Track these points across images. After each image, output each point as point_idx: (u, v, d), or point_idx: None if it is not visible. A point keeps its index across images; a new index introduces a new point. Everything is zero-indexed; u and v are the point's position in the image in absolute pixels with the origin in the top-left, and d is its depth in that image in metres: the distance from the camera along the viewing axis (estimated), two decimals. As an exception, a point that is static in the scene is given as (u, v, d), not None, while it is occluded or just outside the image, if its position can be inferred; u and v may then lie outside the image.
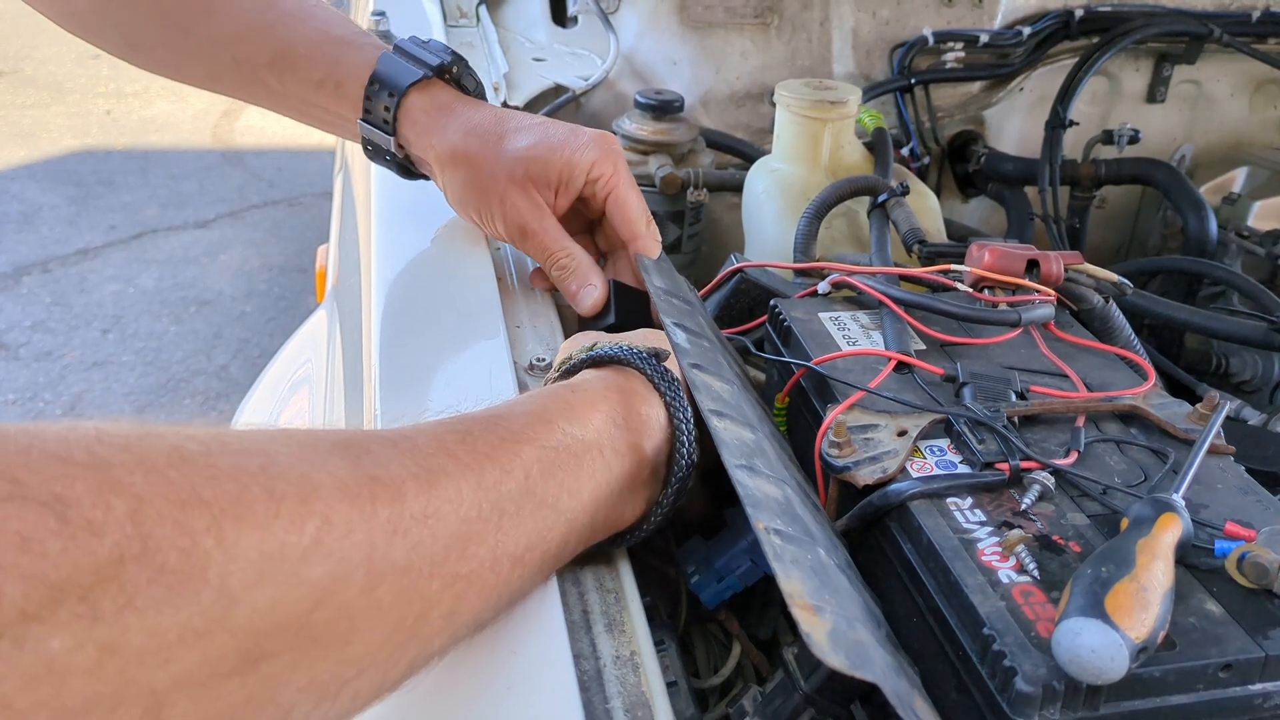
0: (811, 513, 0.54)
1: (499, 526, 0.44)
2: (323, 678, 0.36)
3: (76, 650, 0.28)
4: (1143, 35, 1.27)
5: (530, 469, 0.46)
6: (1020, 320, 0.69)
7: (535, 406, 0.51)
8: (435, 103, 0.77)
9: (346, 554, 0.36)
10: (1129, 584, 0.46)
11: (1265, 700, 0.49)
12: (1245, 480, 0.60)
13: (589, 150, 0.75)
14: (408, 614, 0.39)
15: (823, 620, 0.41)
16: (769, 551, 0.43)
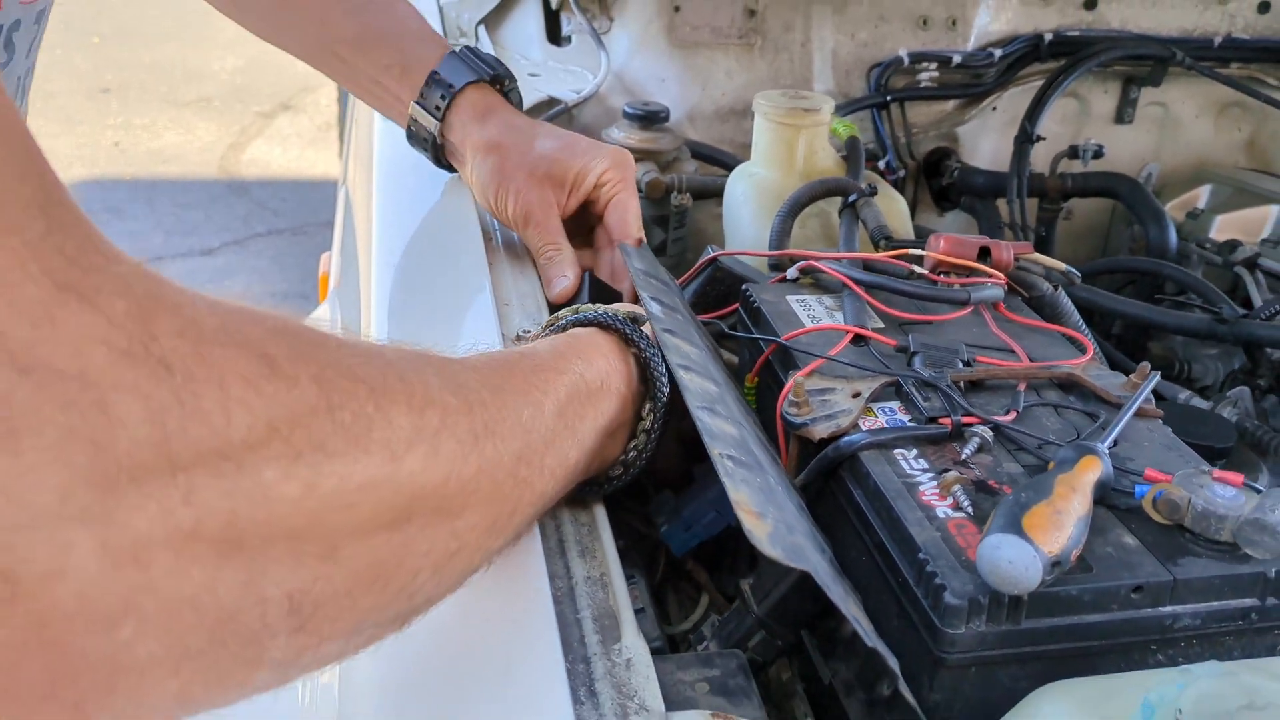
0: (768, 457, 0.60)
1: (543, 439, 0.50)
2: (439, 548, 0.42)
3: (283, 481, 0.33)
4: (1107, 58, 1.34)
5: (560, 395, 0.53)
6: (970, 299, 0.74)
7: (553, 347, 0.58)
8: (484, 102, 0.87)
9: (461, 438, 0.42)
10: (1045, 507, 0.51)
11: (1174, 621, 0.54)
12: (1171, 439, 0.66)
13: (605, 159, 0.85)
14: (494, 501, 0.46)
15: (764, 523, 0.46)
16: (721, 471, 0.49)
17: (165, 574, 0.31)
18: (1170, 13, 1.43)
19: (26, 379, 0.27)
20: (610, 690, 0.47)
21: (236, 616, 0.33)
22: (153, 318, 0.31)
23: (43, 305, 0.28)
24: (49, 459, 0.28)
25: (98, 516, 0.29)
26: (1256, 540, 0.53)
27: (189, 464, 0.31)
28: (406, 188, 0.97)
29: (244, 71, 5.49)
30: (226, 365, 0.32)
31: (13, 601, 0.28)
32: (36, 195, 0.30)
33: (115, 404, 0.29)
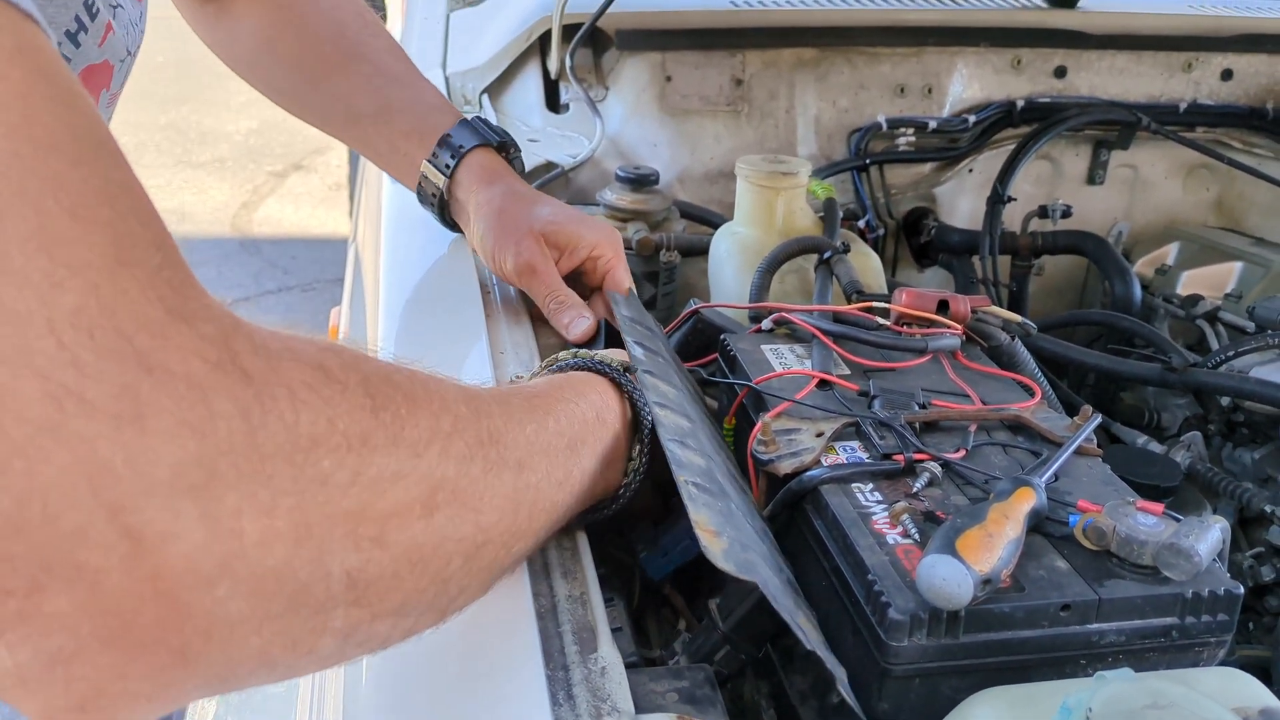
0: (735, 487, 0.66)
1: (545, 451, 0.56)
2: (467, 537, 0.48)
3: (338, 470, 0.40)
4: (1076, 123, 1.41)
5: (560, 418, 0.59)
6: (927, 348, 0.81)
7: (551, 381, 0.65)
8: (490, 165, 0.95)
9: (469, 441, 0.48)
10: (978, 531, 0.57)
11: (1100, 637, 0.59)
12: (1108, 475, 0.71)
13: (597, 232, 0.92)
14: (508, 500, 0.52)
15: (720, 540, 0.52)
16: (684, 495, 0.55)
17: (254, 545, 0.37)
18: (1137, 80, 1.51)
19: (150, 376, 0.35)
20: (586, 694, 0.53)
21: (308, 587, 0.40)
22: (232, 339, 0.38)
23: (159, 323, 0.36)
24: (166, 440, 0.35)
25: (202, 492, 0.36)
26: (1174, 563, 0.59)
27: (268, 453, 0.38)
28: (412, 246, 1.04)
29: (257, 133, 5.62)
30: (293, 375, 0.40)
31: (136, 557, 0.34)
32: (154, 236, 0.37)
33: (214, 402, 0.36)
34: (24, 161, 0.34)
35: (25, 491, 0.33)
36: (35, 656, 0.34)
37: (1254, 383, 0.99)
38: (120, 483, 0.34)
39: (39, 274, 0.33)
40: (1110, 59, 1.50)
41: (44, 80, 0.36)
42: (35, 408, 0.33)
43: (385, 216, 1.18)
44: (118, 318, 0.34)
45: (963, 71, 1.46)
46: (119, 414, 0.34)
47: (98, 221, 0.35)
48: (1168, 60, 1.51)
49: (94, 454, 0.33)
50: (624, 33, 1.38)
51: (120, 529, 0.34)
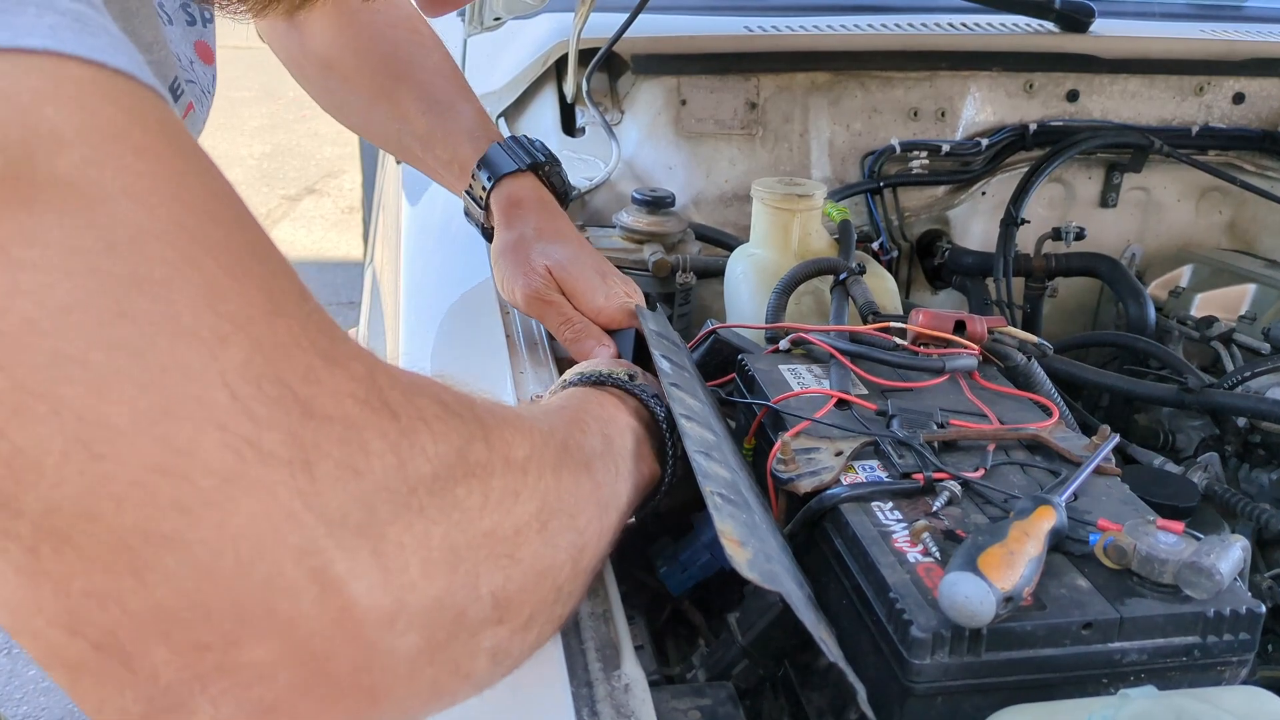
0: (758, 502, 0.66)
1: (599, 454, 0.59)
2: (573, 544, 0.50)
3: (469, 495, 0.42)
4: (1089, 146, 1.42)
5: (594, 426, 0.61)
6: (945, 368, 0.81)
7: (570, 397, 0.67)
8: (516, 197, 0.95)
9: (555, 453, 0.51)
10: (999, 548, 0.57)
11: (1122, 656, 0.59)
12: (1127, 494, 0.72)
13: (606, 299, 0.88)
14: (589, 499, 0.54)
15: (745, 550, 0.52)
16: (710, 505, 0.55)
17: (419, 577, 0.39)
18: (1149, 104, 1.52)
19: (312, 420, 0.36)
20: (610, 711, 0.53)
21: (465, 611, 0.41)
22: (377, 375, 0.40)
23: (314, 368, 0.37)
24: (332, 482, 0.36)
25: (368, 529, 0.37)
26: (1195, 582, 0.59)
27: (416, 485, 0.39)
28: (430, 268, 1.05)
29: (270, 157, 5.67)
30: (426, 409, 0.42)
31: (325, 600, 0.35)
32: (298, 286, 0.39)
33: (369, 441, 0.38)
34: (184, 229, 0.35)
35: (217, 542, 0.33)
36: (239, 709, 0.34)
37: (1271, 403, 0.99)
38: (303, 527, 0.35)
39: (208, 331, 0.34)
40: (1122, 83, 1.50)
41: (186, 151, 0.38)
42: (218, 459, 0.33)
43: (404, 239, 1.19)
44: (279, 366, 0.36)
45: (975, 95, 1.46)
46: (291, 460, 0.35)
47: (252, 277, 0.37)
48: (1179, 84, 1.52)
49: (276, 500, 0.34)
50: (639, 57, 1.39)
51: (308, 572, 0.35)
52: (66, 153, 0.33)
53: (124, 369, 0.32)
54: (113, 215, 0.34)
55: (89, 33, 0.36)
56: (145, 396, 0.33)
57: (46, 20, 0.34)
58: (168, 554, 0.33)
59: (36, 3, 0.34)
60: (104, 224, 0.33)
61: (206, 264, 0.35)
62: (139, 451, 0.32)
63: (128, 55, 0.37)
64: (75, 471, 0.32)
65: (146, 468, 0.33)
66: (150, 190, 0.35)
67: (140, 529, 0.33)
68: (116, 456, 0.32)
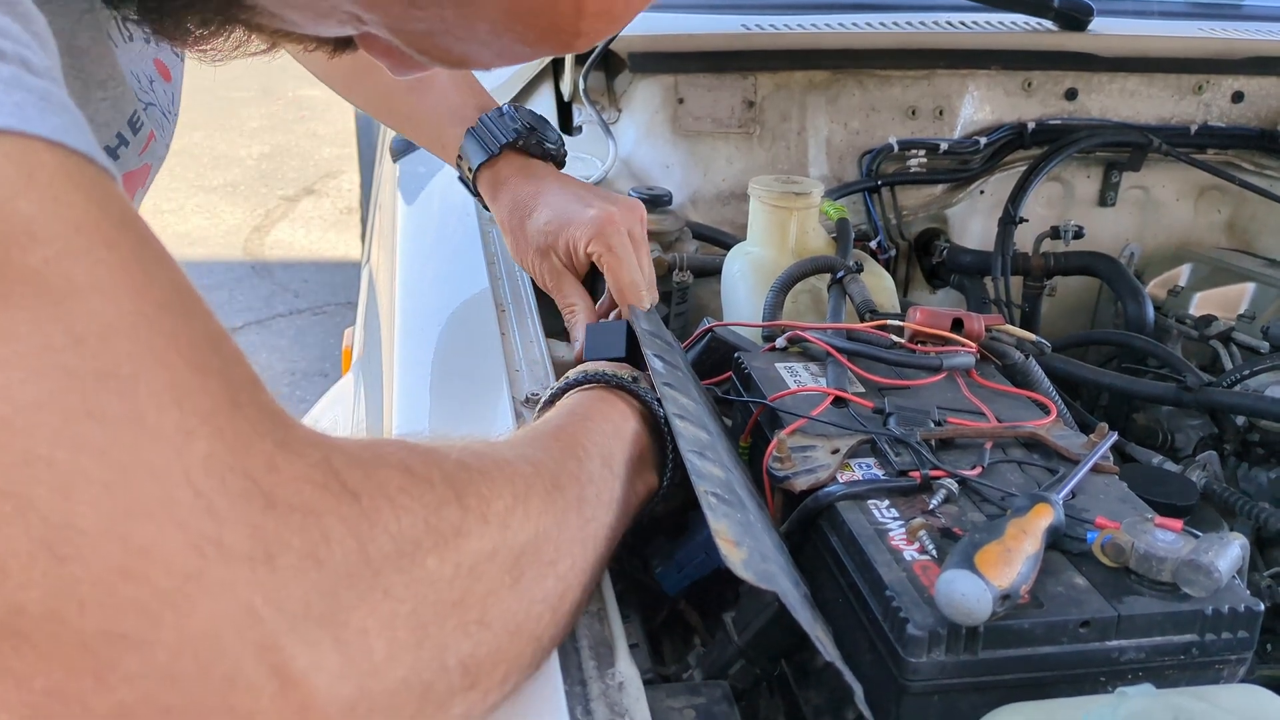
0: (753, 501, 0.65)
1: (592, 480, 0.58)
2: (551, 591, 0.49)
3: (441, 565, 0.41)
4: (1087, 145, 1.42)
5: (591, 444, 0.60)
6: (942, 365, 0.81)
7: (571, 409, 0.65)
8: (497, 177, 0.96)
9: (540, 496, 0.50)
10: (996, 546, 0.57)
11: (1120, 654, 0.59)
12: (1125, 493, 0.71)
13: (586, 231, 0.90)
14: (576, 540, 0.53)
15: (740, 550, 0.52)
16: (704, 505, 0.55)
17: (383, 660, 0.38)
18: (1148, 102, 1.52)
19: (273, 512, 0.36)
20: (604, 709, 0.53)
21: (431, 686, 0.41)
22: (332, 457, 0.39)
23: (270, 456, 0.37)
24: (293, 574, 0.36)
25: (330, 619, 0.36)
26: (1193, 580, 0.59)
27: (380, 566, 0.39)
28: (426, 266, 1.04)
29: (269, 158, 5.66)
30: (389, 482, 0.41)
31: (284, 694, 0.35)
32: (248, 374, 0.39)
33: (330, 528, 0.37)
34: (150, 323, 0.35)
35: (177, 643, 0.33)
36: None
37: (1270, 402, 0.99)
38: (262, 623, 0.34)
39: (172, 427, 0.34)
40: (1121, 81, 1.50)
41: (145, 240, 0.38)
42: (179, 558, 0.33)
43: (400, 238, 1.19)
44: (242, 459, 0.36)
45: (974, 94, 1.46)
46: (252, 554, 0.35)
47: (212, 369, 0.37)
48: (1178, 82, 1.52)
49: (236, 598, 0.34)
50: (637, 55, 1.39)
51: (268, 669, 0.35)
52: (40, 248, 0.34)
53: (90, 469, 0.33)
54: (82, 311, 0.34)
55: (52, 111, 0.36)
56: (110, 497, 0.33)
57: (14, 97, 0.35)
58: (129, 655, 0.33)
59: (5, 79, 0.35)
60: (73, 319, 0.34)
61: (170, 358, 0.35)
62: (102, 553, 0.32)
63: (84, 134, 0.37)
64: (40, 574, 0.32)
65: (110, 569, 0.32)
66: (117, 284, 0.35)
67: (102, 630, 0.32)
68: (81, 559, 0.32)
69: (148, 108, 0.68)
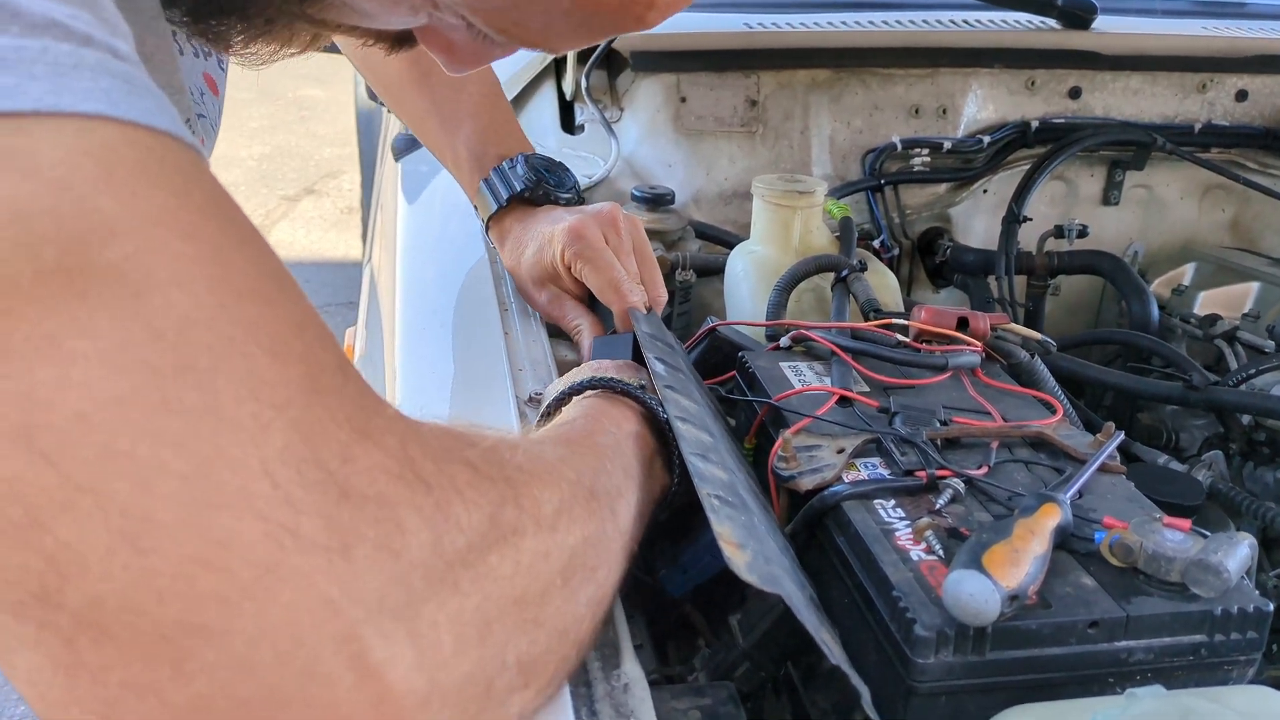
0: (757, 503, 0.65)
1: (617, 486, 0.57)
2: (594, 596, 0.50)
3: (501, 562, 0.42)
4: (1091, 143, 1.41)
5: (609, 449, 0.60)
6: (947, 364, 0.80)
7: (582, 420, 0.65)
8: (501, 229, 0.99)
9: (581, 502, 0.50)
10: (1004, 546, 0.56)
11: (1128, 655, 0.58)
12: (1132, 492, 0.71)
13: (558, 243, 0.91)
14: (610, 546, 0.53)
15: (744, 553, 0.51)
16: (707, 508, 0.54)
17: (452, 654, 0.38)
18: (1152, 101, 1.51)
19: (348, 502, 0.36)
20: (609, 710, 0.52)
21: (493, 682, 0.41)
22: (409, 446, 0.39)
23: (349, 446, 0.37)
24: (369, 565, 0.36)
25: (404, 611, 0.36)
26: (1202, 580, 0.58)
27: (451, 560, 0.39)
28: (429, 265, 1.04)
29: (269, 158, 5.66)
30: (457, 477, 0.41)
31: (362, 686, 0.35)
32: (336, 358, 0.39)
33: (404, 519, 0.37)
34: (228, 313, 0.35)
35: (255, 633, 0.33)
36: None
37: (1277, 401, 0.98)
38: (340, 614, 0.34)
39: (249, 418, 0.34)
40: (1125, 80, 1.50)
41: (229, 220, 0.38)
42: (259, 549, 0.33)
43: (401, 237, 1.18)
44: (317, 447, 0.36)
45: (977, 92, 1.46)
46: (329, 545, 0.35)
47: (293, 355, 0.37)
48: (1182, 81, 1.51)
49: (314, 589, 0.34)
50: (639, 54, 1.38)
51: (346, 660, 0.34)
52: (118, 243, 0.34)
53: (169, 462, 0.33)
54: (160, 305, 0.34)
55: (138, 94, 0.36)
56: (189, 489, 0.33)
57: (102, 84, 0.35)
58: (207, 645, 0.33)
59: (92, 65, 0.35)
60: (152, 314, 0.34)
61: (249, 347, 0.35)
62: (181, 545, 0.33)
63: (171, 116, 0.37)
64: (120, 567, 0.32)
65: (188, 560, 0.33)
66: (196, 276, 0.35)
67: (180, 621, 0.33)
68: (160, 551, 0.32)
69: (200, 119, 0.68)
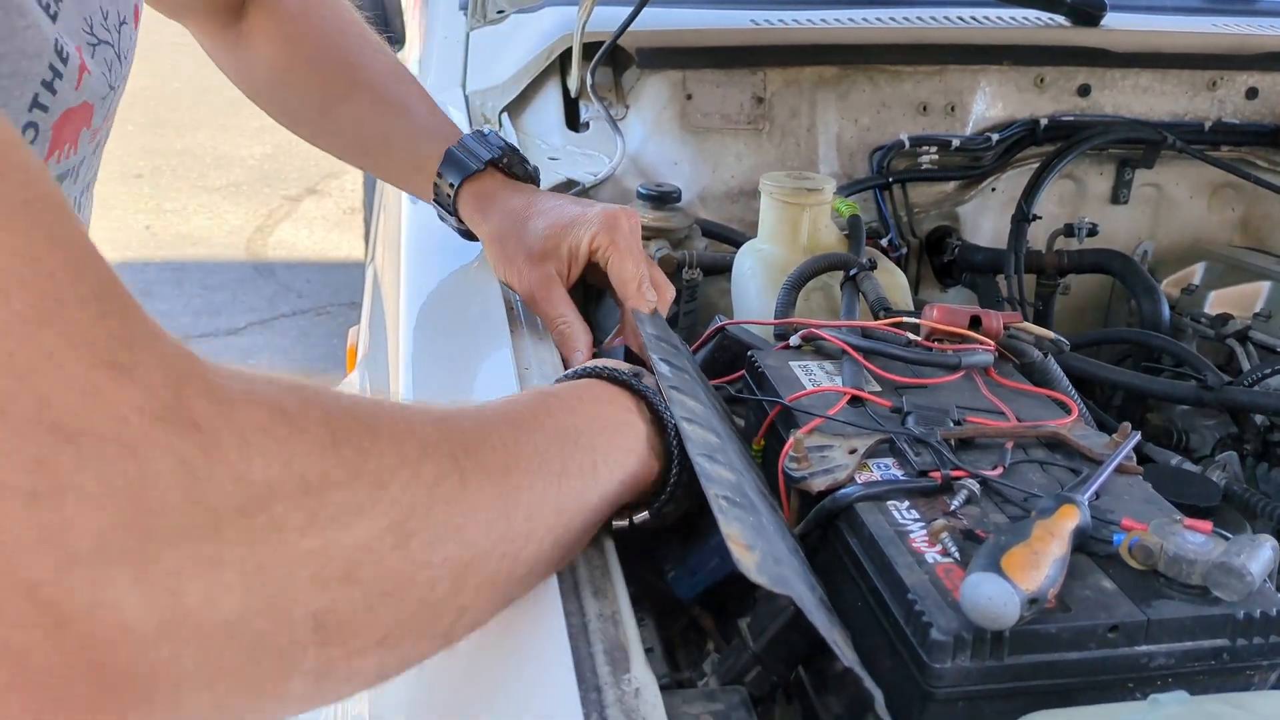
0: (765, 504, 0.64)
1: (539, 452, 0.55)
2: (452, 556, 0.47)
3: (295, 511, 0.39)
4: (1100, 141, 1.40)
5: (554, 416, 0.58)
6: (960, 364, 0.79)
7: (543, 389, 0.64)
8: (483, 191, 0.94)
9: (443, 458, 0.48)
10: (1023, 549, 0.55)
11: (1149, 660, 0.57)
12: (1150, 493, 0.70)
13: (592, 226, 0.89)
14: (496, 507, 0.50)
15: (753, 554, 0.50)
16: (715, 509, 0.53)
17: (199, 603, 0.36)
18: (1161, 99, 1.50)
19: (70, 446, 0.33)
20: (620, 716, 0.51)
21: (267, 635, 0.39)
22: (184, 385, 0.37)
23: (88, 383, 0.34)
24: (90, 509, 0.34)
25: (133, 556, 0.35)
26: (1224, 583, 0.57)
27: (215, 505, 0.37)
28: (433, 264, 1.03)
29: (271, 158, 5.65)
30: (247, 420, 0.39)
31: (59, 631, 0.33)
32: (91, 287, 0.36)
33: (148, 461, 0.35)
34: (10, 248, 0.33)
35: None
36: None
37: (1292, 401, 0.97)
38: (36, 559, 0.33)
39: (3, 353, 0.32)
40: (1134, 77, 1.48)
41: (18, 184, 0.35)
42: None
43: (405, 236, 1.17)
44: (37, 385, 0.33)
45: (986, 90, 1.44)
46: (33, 490, 0.33)
47: (14, 284, 0.34)
48: (1192, 78, 1.50)
49: (5, 534, 0.33)
50: (645, 51, 1.37)
51: (39, 606, 0.33)
52: None
53: None
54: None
55: None
56: None
57: None
58: None
59: None
60: None
61: None
62: None
63: None
64: None
65: None
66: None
67: None
68: None
69: (98, 45, 0.66)
